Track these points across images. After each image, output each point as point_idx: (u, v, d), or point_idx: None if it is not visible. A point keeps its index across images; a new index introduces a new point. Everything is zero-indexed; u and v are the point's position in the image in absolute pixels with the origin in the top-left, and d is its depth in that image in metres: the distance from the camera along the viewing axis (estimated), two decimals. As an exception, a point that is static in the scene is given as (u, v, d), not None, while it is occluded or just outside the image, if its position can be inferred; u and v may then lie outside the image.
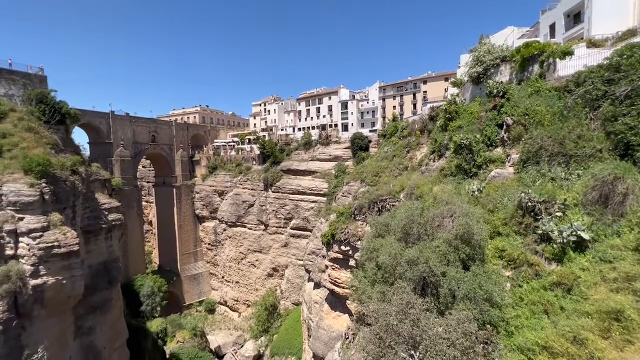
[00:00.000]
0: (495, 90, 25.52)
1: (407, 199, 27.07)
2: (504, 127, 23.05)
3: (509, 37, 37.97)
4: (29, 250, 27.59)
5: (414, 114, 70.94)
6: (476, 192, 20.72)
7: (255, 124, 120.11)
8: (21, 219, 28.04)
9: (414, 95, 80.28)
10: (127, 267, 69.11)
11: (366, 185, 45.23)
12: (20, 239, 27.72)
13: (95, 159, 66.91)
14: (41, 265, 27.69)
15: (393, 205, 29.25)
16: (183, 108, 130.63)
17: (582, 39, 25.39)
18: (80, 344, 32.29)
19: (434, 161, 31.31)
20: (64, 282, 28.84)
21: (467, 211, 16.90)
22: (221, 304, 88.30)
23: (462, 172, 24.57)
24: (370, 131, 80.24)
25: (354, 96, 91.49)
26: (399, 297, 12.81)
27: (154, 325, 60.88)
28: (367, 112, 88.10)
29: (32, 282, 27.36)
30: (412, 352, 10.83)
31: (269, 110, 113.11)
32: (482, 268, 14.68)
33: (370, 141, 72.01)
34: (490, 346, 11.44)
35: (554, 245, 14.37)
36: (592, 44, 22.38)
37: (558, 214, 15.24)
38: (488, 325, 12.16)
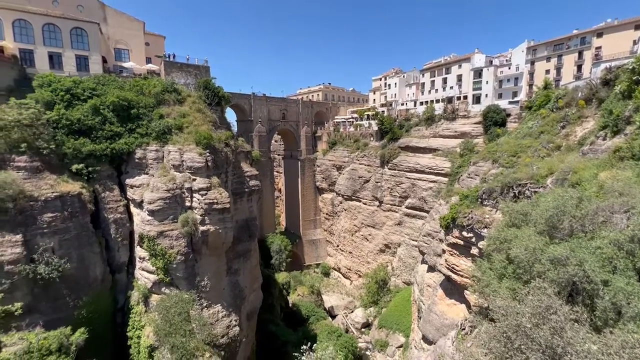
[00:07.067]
0: None
1: (556, 186, 22.20)
2: None
3: None
4: (198, 204, 36.36)
5: (578, 78, 55.75)
6: (675, 183, 15.11)
7: (374, 100, 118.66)
8: (194, 179, 37.04)
9: (580, 54, 62.21)
10: (261, 226, 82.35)
11: (499, 166, 39.18)
12: (194, 195, 36.74)
13: (240, 134, 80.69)
14: (206, 216, 36.21)
15: (535, 191, 24.71)
16: (308, 87, 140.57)
17: None
18: (230, 280, 41.22)
19: (603, 139, 24.29)
20: (220, 231, 36.99)
21: (656, 207, 12.60)
22: (335, 269, 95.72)
23: (651, 155, 18.24)
24: (510, 103, 67.71)
25: (491, 62, 77.92)
26: (537, 299, 10.98)
27: (280, 277, 71.85)
28: (508, 80, 73.97)
29: (201, 228, 36.22)
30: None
31: (389, 85, 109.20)
32: (672, 285, 10.95)
33: (508, 115, 61.27)
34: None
35: None
36: None
37: None
38: (675, 361, 9.13)
